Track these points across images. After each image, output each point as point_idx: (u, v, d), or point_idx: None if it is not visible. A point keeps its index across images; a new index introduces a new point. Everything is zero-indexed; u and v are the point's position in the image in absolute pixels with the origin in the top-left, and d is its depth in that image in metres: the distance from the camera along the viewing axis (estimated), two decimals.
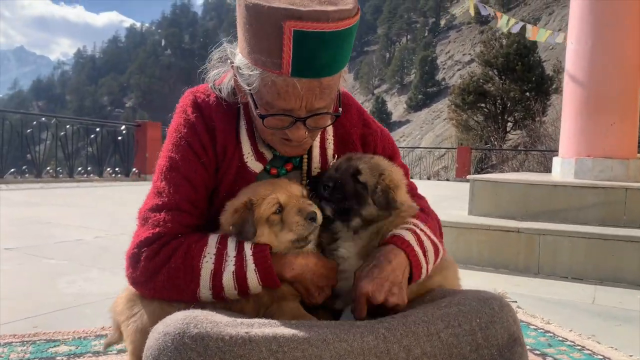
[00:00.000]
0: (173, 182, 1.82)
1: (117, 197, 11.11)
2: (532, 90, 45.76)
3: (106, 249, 5.18)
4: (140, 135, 17.23)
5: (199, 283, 1.68)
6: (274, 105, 1.66)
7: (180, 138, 1.87)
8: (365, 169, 1.81)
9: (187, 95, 1.97)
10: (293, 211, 1.68)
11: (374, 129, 2.12)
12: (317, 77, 1.60)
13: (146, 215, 1.79)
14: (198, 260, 1.68)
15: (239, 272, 1.66)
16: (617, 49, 5.54)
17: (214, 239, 1.73)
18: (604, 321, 3.36)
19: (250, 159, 1.89)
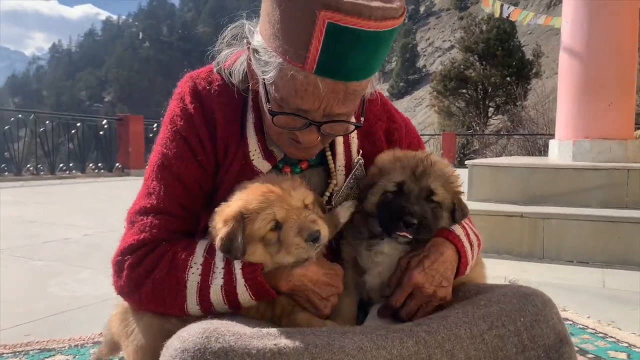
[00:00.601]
0: (164, 182, 1.64)
1: (102, 193, 10.82)
2: (513, 75, 46.11)
3: (96, 247, 4.97)
4: (123, 129, 16.86)
5: (186, 297, 1.51)
6: (289, 103, 1.46)
7: (175, 131, 1.68)
8: (439, 187, 1.64)
9: (186, 81, 1.76)
10: (292, 231, 1.44)
11: (399, 123, 1.95)
12: (343, 80, 1.40)
13: (133, 219, 1.63)
14: (183, 271, 1.51)
15: (228, 287, 1.49)
16: (614, 29, 5.45)
17: (202, 247, 1.55)
18: (619, 306, 3.28)
19: (257, 157, 1.69)
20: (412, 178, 1.63)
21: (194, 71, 1.79)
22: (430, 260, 1.58)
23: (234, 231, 1.43)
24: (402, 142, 1.93)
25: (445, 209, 1.66)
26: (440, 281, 1.58)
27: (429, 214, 1.60)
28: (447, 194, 1.65)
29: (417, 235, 1.59)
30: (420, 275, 1.55)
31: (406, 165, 1.66)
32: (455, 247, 1.65)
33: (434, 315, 1.52)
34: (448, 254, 1.62)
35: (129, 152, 16.64)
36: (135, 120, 17.28)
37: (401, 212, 1.58)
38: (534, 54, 50.31)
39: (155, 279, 1.51)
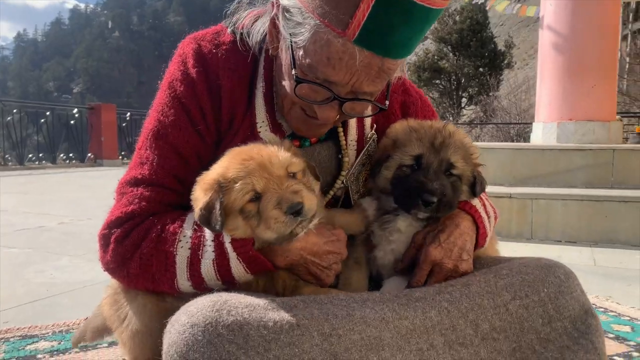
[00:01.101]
0: (158, 151, 1.52)
1: (75, 183, 10.47)
2: (486, 66, 46.57)
3: (74, 235, 4.76)
4: (94, 118, 16.40)
5: (175, 272, 1.40)
6: (317, 71, 1.33)
7: (174, 97, 1.54)
8: (459, 160, 1.53)
9: (189, 42, 1.60)
10: (271, 203, 1.28)
11: (415, 96, 1.85)
12: (382, 55, 1.29)
13: (123, 190, 1.51)
14: (172, 245, 1.40)
15: (220, 261, 1.37)
16: (597, 10, 5.47)
17: (192, 218, 1.42)
18: (613, 282, 3.28)
19: (265, 129, 1.56)
20: (431, 150, 1.51)
21: (197, 32, 1.64)
22: (446, 234, 1.50)
23: (212, 201, 1.30)
24: (418, 115, 1.82)
25: (464, 182, 1.56)
26: (460, 254, 1.49)
27: (449, 190, 1.49)
28: (467, 167, 1.55)
29: (436, 214, 1.51)
30: (437, 250, 1.47)
31: (423, 137, 1.53)
32: (472, 217, 1.57)
33: (455, 281, 1.44)
34: (465, 225, 1.54)
35: (101, 142, 16.20)
36: (108, 109, 16.82)
37: (420, 189, 1.46)
38: (506, 45, 50.90)
39: (143, 254, 1.40)
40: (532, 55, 64.17)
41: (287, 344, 1.18)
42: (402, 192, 1.52)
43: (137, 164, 1.53)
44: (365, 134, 1.71)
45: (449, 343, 1.34)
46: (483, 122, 30.46)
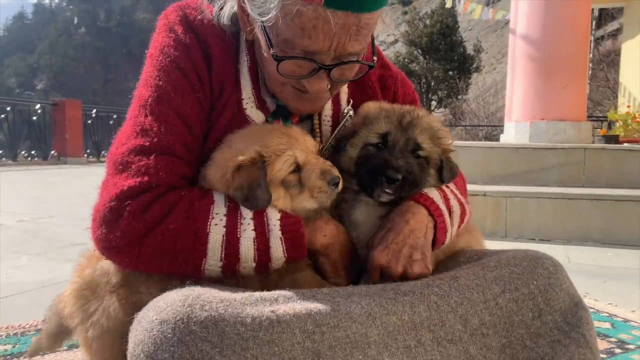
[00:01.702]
0: (163, 117, 1.35)
1: (38, 180, 10.06)
2: (455, 70, 47.37)
3: (34, 233, 4.52)
4: (59, 114, 15.83)
5: (206, 252, 1.25)
6: (295, 45, 1.26)
7: (170, 62, 1.40)
8: (426, 141, 1.45)
9: (173, 11, 1.49)
10: (315, 173, 1.32)
11: (394, 71, 1.77)
12: (357, 12, 1.21)
13: (126, 159, 1.30)
14: (205, 222, 1.25)
15: (260, 239, 1.26)
16: (569, 12, 5.54)
17: (221, 195, 1.30)
18: (588, 279, 3.28)
19: (251, 105, 1.47)
20: (398, 128, 1.45)
21: (180, 1, 1.52)
22: (394, 233, 1.38)
23: (256, 177, 1.25)
24: (398, 92, 1.74)
25: (432, 166, 1.48)
26: (410, 254, 1.37)
27: (415, 168, 1.41)
28: (434, 149, 1.47)
29: (400, 194, 1.41)
30: (383, 254, 1.36)
31: (392, 115, 1.48)
32: (427, 208, 1.44)
33: (443, 274, 1.35)
34: (417, 220, 1.41)
35: (65, 139, 15.65)
36: (73, 105, 16.28)
37: (384, 166, 1.39)
38: (475, 49, 51.89)
39: (168, 230, 1.23)
40: (499, 59, 65.57)
41: (266, 342, 1.07)
42: (365, 171, 1.44)
43: (138, 132, 1.35)
44: (341, 109, 1.63)
45: (437, 339, 1.25)
46: (452, 124, 30.96)
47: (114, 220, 1.25)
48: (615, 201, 4.33)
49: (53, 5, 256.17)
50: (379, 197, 1.42)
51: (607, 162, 4.91)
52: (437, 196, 1.49)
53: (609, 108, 15.77)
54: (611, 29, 32.57)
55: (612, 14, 29.99)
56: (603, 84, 21.72)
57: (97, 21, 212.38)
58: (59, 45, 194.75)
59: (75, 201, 6.33)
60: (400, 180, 1.37)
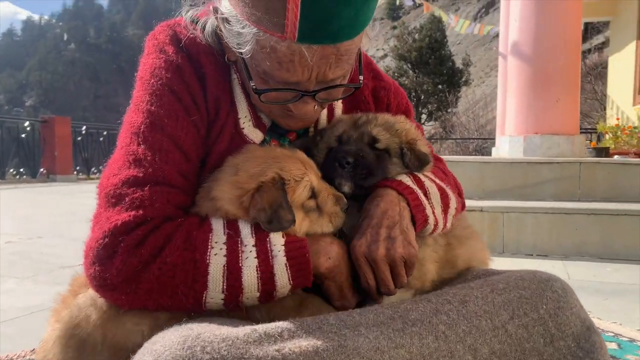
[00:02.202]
0: (157, 145, 1.29)
1: (25, 199, 9.91)
2: (444, 83, 47.85)
3: (22, 255, 4.41)
4: (48, 132, 15.68)
5: (207, 285, 1.18)
6: (274, 77, 1.23)
7: (162, 85, 1.35)
8: (382, 133, 1.47)
9: (163, 30, 1.44)
10: (331, 200, 1.34)
11: (386, 82, 1.74)
12: (333, 43, 1.18)
13: (119, 191, 1.24)
14: (204, 252, 1.18)
15: (264, 267, 1.20)
16: (561, 26, 5.58)
17: (219, 223, 1.24)
18: (590, 297, 3.23)
19: (248, 124, 1.44)
20: (352, 127, 1.50)
21: (169, 20, 1.48)
22: (367, 220, 1.34)
23: (277, 197, 1.22)
24: (391, 103, 1.72)
25: (394, 155, 1.48)
26: (388, 234, 1.31)
27: (369, 156, 1.43)
28: (393, 139, 1.48)
29: (358, 180, 1.40)
30: (361, 241, 1.31)
31: (349, 119, 1.53)
32: (396, 190, 1.39)
33: (452, 296, 1.29)
34: (386, 201, 1.36)
35: (55, 157, 15.48)
36: (62, 123, 16.14)
37: (336, 152, 1.43)
38: (463, 63, 52.47)
39: (165, 263, 1.17)
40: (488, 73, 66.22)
41: None
42: (324, 166, 1.45)
43: (131, 161, 1.29)
44: None
45: None
46: (443, 137, 31.13)
47: (107, 257, 1.18)
48: (612, 215, 4.32)
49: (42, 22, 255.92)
50: (340, 186, 1.41)
51: (602, 176, 4.91)
52: (405, 177, 1.46)
53: (597, 120, 15.94)
54: (597, 42, 33.11)
55: (598, 28, 30.49)
56: (591, 96, 21.99)
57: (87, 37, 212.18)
58: (48, 62, 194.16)
59: (64, 219, 6.21)
60: (352, 162, 1.39)
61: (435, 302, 1.27)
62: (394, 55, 53.11)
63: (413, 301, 1.26)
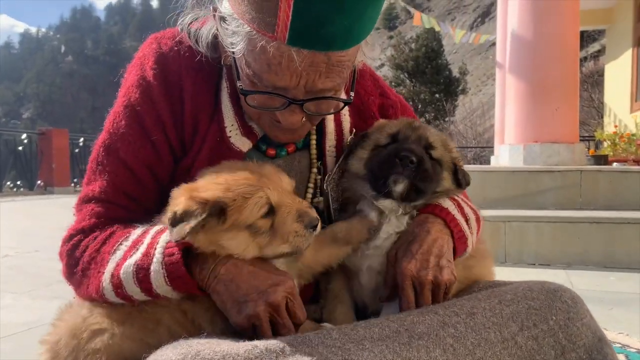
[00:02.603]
0: (109, 167, 1.40)
1: (22, 212, 9.85)
2: (441, 92, 48.03)
3: (19, 269, 4.36)
4: (45, 144, 15.63)
5: (103, 275, 1.25)
6: (262, 79, 1.22)
7: (127, 106, 1.39)
8: (438, 143, 1.46)
9: (150, 43, 1.46)
10: (291, 216, 1.22)
11: (393, 99, 1.73)
12: (324, 50, 1.16)
13: (79, 207, 1.44)
14: (112, 247, 1.28)
15: (142, 262, 1.20)
16: (558, 34, 5.60)
17: (141, 227, 1.30)
18: (595, 306, 3.18)
19: (235, 132, 1.42)
20: (408, 127, 1.45)
21: (159, 32, 1.48)
22: (417, 244, 1.35)
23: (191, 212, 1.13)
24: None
25: (445, 169, 1.47)
26: (438, 262, 1.34)
27: (428, 164, 1.39)
28: (445, 153, 1.47)
29: (415, 181, 1.37)
30: (412, 264, 1.32)
31: (403, 120, 1.52)
32: (443, 219, 1.42)
33: (460, 309, 1.27)
34: (436, 230, 1.39)
35: (52, 169, 15.42)
36: (59, 135, 16.10)
37: (397, 151, 1.37)
38: (460, 72, 52.74)
39: (84, 261, 1.32)
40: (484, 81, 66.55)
41: None
42: (377, 163, 1.41)
43: (90, 179, 1.43)
44: (344, 139, 1.59)
45: None
46: None
47: (62, 260, 1.39)
48: (614, 224, 4.29)
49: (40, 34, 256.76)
50: (395, 183, 1.37)
51: (603, 184, 4.90)
52: (452, 206, 1.47)
53: (595, 128, 15.98)
54: (593, 50, 33.32)
55: (594, 36, 30.70)
56: (587, 104, 22.07)
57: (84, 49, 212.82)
58: (45, 74, 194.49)
59: (61, 233, 6.16)
60: (416, 163, 1.34)
61: (442, 315, 1.25)
62: (391, 64, 53.36)
63: (419, 313, 1.24)
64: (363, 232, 1.42)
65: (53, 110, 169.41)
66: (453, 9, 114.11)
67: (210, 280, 1.20)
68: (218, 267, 1.20)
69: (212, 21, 1.37)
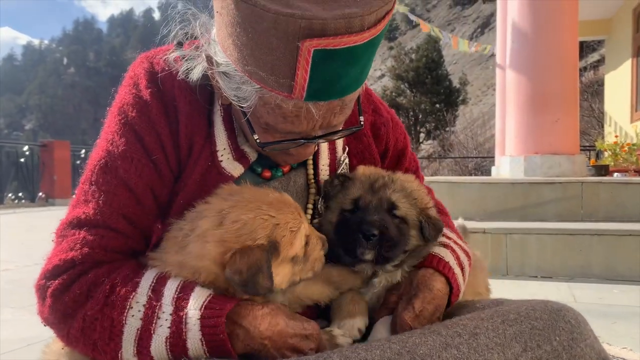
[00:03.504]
0: (106, 187, 1.30)
1: (23, 224, 9.86)
2: (442, 102, 48.12)
3: (19, 283, 4.34)
4: (47, 156, 15.68)
5: (121, 344, 1.17)
6: (277, 129, 1.24)
7: (125, 124, 1.34)
8: (401, 200, 1.46)
9: (141, 62, 1.42)
10: (318, 245, 1.29)
11: (385, 117, 1.72)
12: (339, 98, 1.18)
13: (64, 232, 1.30)
14: (121, 312, 1.18)
15: (174, 340, 1.15)
16: (557, 46, 5.62)
17: (148, 280, 1.21)
18: (598, 320, 3.17)
19: (227, 157, 1.40)
20: (369, 191, 1.47)
21: (150, 50, 1.45)
22: (420, 300, 1.39)
23: (257, 261, 1.12)
24: (390, 139, 1.71)
25: (412, 227, 1.47)
26: (431, 320, 1.40)
27: (392, 227, 1.41)
28: (411, 210, 1.47)
29: (381, 252, 1.39)
30: (411, 318, 1.37)
31: (364, 180, 1.50)
32: (446, 278, 1.46)
33: (463, 329, 1.26)
34: (438, 289, 1.43)
35: (54, 181, 15.45)
36: (61, 146, 16.16)
37: (359, 223, 1.40)
38: (460, 82, 52.88)
39: (87, 315, 1.19)
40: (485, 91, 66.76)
41: None
42: (343, 235, 1.43)
43: (81, 201, 1.32)
44: (337, 158, 1.60)
45: None
46: (441, 156, 31.17)
47: (41, 298, 1.25)
48: (616, 236, 4.28)
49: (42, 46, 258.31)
50: (362, 255, 1.40)
51: (604, 196, 4.89)
52: (452, 259, 1.50)
53: (595, 138, 15.98)
54: (592, 60, 33.43)
55: (593, 46, 30.82)
56: (588, 113, 22.09)
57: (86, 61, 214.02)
58: (48, 86, 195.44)
59: None
60: (378, 235, 1.37)
61: (445, 335, 1.24)
62: (391, 75, 53.53)
63: (422, 334, 1.23)
64: (356, 282, 1.47)
65: (55, 121, 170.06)
66: (453, 19, 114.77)
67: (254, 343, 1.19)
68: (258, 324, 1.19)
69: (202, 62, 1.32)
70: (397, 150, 1.73)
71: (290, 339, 1.20)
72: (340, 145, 1.60)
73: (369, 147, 1.64)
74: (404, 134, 1.80)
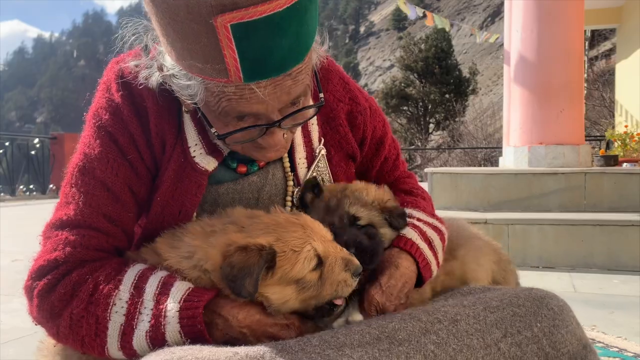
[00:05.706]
0: (84, 188, 1.34)
1: (34, 216, 9.99)
2: (451, 92, 47.75)
3: None
4: (57, 148, 15.84)
5: (106, 340, 1.22)
6: (232, 114, 1.22)
7: (99, 127, 1.38)
8: (359, 210, 1.49)
9: (112, 67, 1.45)
10: (339, 266, 1.24)
11: (363, 105, 1.68)
12: (281, 74, 1.16)
13: (48, 234, 1.35)
14: (105, 309, 1.22)
15: (154, 334, 1.19)
16: (562, 36, 5.58)
17: (130, 278, 1.26)
18: (596, 310, 3.19)
19: (200, 152, 1.42)
20: (327, 212, 1.49)
21: (120, 55, 1.47)
22: (386, 277, 1.40)
23: (251, 263, 1.14)
24: (367, 128, 1.68)
25: (380, 226, 1.50)
26: (399, 296, 1.41)
27: (363, 238, 1.44)
28: (373, 213, 1.50)
29: (367, 265, 1.40)
30: (379, 295, 1.38)
31: (319, 204, 1.52)
32: (411, 254, 1.48)
33: (443, 316, 1.29)
34: (404, 266, 1.45)
35: (64, 173, 15.61)
36: (72, 139, 16.27)
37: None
38: (470, 72, 52.38)
39: (73, 314, 1.23)
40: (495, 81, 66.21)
41: None
42: None
43: (63, 203, 1.37)
44: (313, 149, 1.59)
45: None
46: (451, 147, 30.98)
47: (30, 299, 1.30)
48: (619, 226, 4.27)
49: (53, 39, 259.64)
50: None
51: (608, 186, 4.87)
52: (415, 235, 1.51)
53: (606, 127, 15.81)
54: (604, 49, 33.01)
55: (605, 35, 30.40)
56: (599, 103, 21.85)
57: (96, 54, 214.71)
58: (59, 78, 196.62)
59: None
60: (355, 252, 1.38)
61: (425, 321, 1.26)
62: (400, 65, 53.16)
63: (402, 320, 1.25)
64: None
65: (66, 114, 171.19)
66: (463, 9, 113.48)
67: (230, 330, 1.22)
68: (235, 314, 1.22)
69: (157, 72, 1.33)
70: (376, 138, 1.71)
71: (270, 328, 1.22)
72: (316, 136, 1.59)
73: (346, 137, 1.62)
74: (383, 122, 1.77)
